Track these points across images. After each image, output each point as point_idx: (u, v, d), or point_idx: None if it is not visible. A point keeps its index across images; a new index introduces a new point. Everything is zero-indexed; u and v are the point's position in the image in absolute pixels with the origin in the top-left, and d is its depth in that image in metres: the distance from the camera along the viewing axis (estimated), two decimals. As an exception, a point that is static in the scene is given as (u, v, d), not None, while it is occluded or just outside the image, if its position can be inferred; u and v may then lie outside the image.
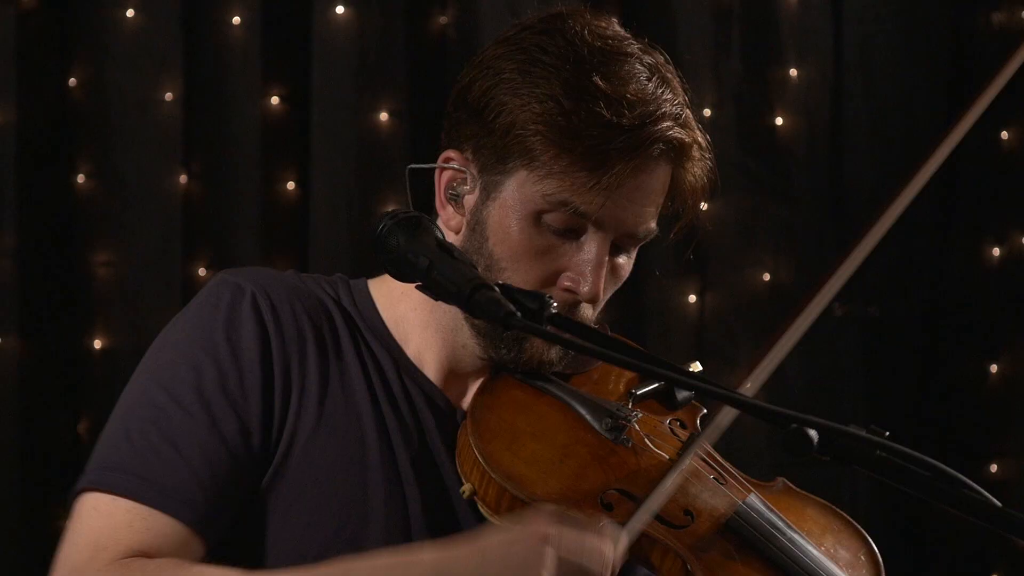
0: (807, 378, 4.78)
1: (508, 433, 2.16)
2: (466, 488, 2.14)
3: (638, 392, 2.27)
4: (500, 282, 2.03)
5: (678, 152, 2.17)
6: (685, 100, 2.21)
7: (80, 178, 4.32)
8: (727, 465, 2.26)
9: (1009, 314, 4.79)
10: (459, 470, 2.16)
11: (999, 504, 1.70)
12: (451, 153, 2.22)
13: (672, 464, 2.16)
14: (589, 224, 2.16)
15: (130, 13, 4.34)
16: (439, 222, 2.22)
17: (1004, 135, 4.81)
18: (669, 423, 2.27)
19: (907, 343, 4.83)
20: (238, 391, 2.12)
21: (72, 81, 4.32)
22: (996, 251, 4.80)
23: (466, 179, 2.20)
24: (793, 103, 4.80)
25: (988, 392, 4.80)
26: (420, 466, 2.18)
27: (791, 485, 2.29)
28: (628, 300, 4.71)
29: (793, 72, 4.80)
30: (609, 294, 2.25)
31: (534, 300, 2.00)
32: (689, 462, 2.18)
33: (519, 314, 1.97)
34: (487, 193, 2.19)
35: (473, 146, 2.20)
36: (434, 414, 2.22)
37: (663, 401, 2.31)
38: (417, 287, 2.07)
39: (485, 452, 2.12)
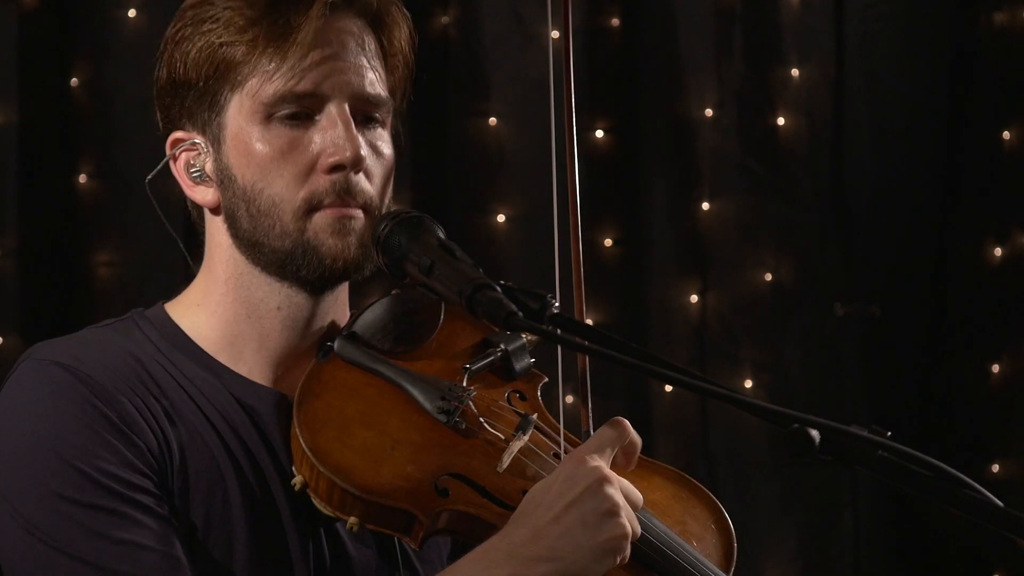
0: (809, 378, 4.79)
1: (337, 421, 2.09)
2: (297, 480, 2.07)
3: (472, 368, 2.17)
4: (502, 282, 2.02)
5: (362, 6, 2.15)
6: None
7: (81, 178, 4.33)
8: (568, 435, 2.18)
9: (1011, 314, 4.79)
10: (293, 462, 2.09)
11: (1001, 504, 1.69)
12: (174, 136, 2.18)
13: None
14: (315, 101, 2.12)
15: (131, 13, 4.34)
16: (206, 223, 2.20)
17: (1006, 135, 4.81)
18: (508, 396, 2.19)
19: (909, 343, 4.84)
20: (130, 452, 2.04)
21: (74, 81, 4.33)
22: (998, 251, 4.80)
23: (198, 150, 2.17)
24: (794, 103, 4.80)
25: (990, 392, 4.80)
26: (272, 480, 2.12)
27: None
28: (629, 300, 4.72)
29: (795, 72, 4.80)
30: (382, 176, 2.17)
31: (536, 300, 1.99)
32: (527, 439, 2.13)
33: (520, 314, 1.96)
34: (218, 143, 2.15)
35: (186, 116, 2.17)
36: (273, 418, 2.15)
37: (501, 372, 2.21)
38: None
39: (312, 444, 2.05)
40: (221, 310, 2.19)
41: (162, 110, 2.20)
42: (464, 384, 2.17)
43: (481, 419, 2.14)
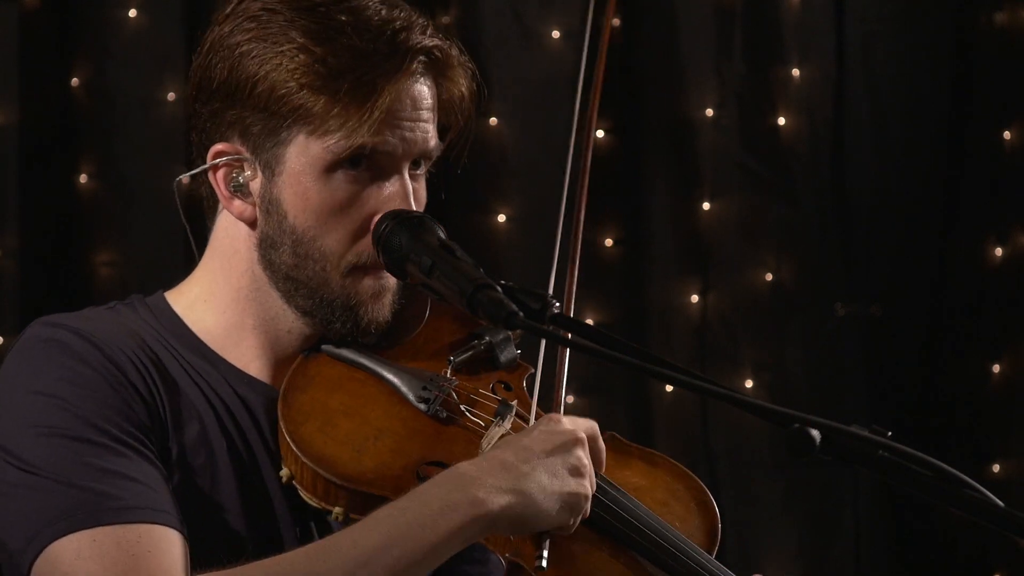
0: (809, 378, 4.79)
1: (320, 414, 2.12)
2: (284, 473, 2.10)
3: (456, 359, 2.21)
4: (503, 282, 2.03)
5: (439, 62, 2.17)
6: (420, 13, 2.20)
7: (82, 178, 4.33)
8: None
9: (1011, 314, 4.79)
10: (281, 454, 2.12)
11: (1001, 504, 1.69)
12: (219, 147, 2.15)
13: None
14: (384, 158, 2.12)
15: (132, 13, 4.34)
16: (221, 218, 2.20)
17: (1007, 135, 4.81)
18: (492, 386, 2.22)
19: (909, 343, 4.83)
20: (129, 407, 2.05)
21: (74, 81, 4.33)
22: (998, 251, 4.80)
23: (243, 167, 2.15)
24: (795, 103, 4.80)
25: (990, 392, 4.80)
26: (264, 466, 2.14)
27: (620, 438, 2.23)
28: (629, 300, 4.72)
29: (795, 72, 4.80)
30: None
31: (536, 300, 2.00)
32: (507, 426, 2.15)
33: (521, 314, 1.97)
34: (270, 171, 2.13)
35: (239, 131, 2.13)
36: (266, 411, 2.16)
37: (487, 364, 2.24)
38: (417, 285, 2.08)
39: (296, 436, 2.09)
40: (229, 314, 2.19)
41: (200, 116, 2.17)
42: (448, 375, 2.19)
43: (462, 407, 2.17)
